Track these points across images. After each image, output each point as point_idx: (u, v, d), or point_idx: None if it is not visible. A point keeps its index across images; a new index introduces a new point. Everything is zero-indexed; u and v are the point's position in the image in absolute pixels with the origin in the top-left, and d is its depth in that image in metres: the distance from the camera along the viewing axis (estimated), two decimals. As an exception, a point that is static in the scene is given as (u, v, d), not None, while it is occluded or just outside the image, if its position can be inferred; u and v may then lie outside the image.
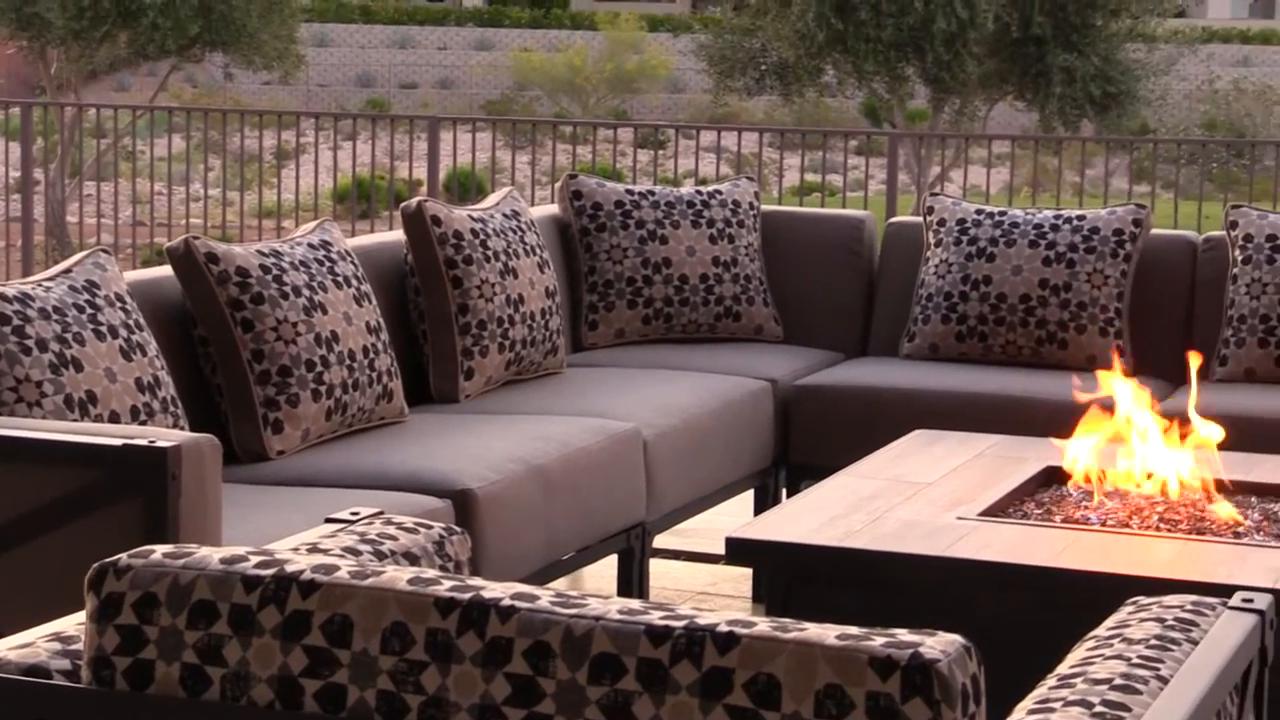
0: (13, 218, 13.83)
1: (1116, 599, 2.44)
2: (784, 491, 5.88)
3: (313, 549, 2.28)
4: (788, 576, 4.06)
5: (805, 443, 5.79)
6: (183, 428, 4.11)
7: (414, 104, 34.78)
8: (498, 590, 1.88)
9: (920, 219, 6.28)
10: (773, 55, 22.79)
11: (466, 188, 15.88)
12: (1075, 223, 6.02)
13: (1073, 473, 4.39)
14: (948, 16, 21.14)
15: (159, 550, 1.99)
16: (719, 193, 6.32)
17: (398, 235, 5.44)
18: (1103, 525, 4.07)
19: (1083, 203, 14.22)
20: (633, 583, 5.10)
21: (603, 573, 5.46)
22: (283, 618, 1.90)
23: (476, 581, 1.91)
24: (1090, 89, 21.73)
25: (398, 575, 1.92)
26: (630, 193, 6.22)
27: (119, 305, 4.10)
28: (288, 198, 15.25)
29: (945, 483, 4.42)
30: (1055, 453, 4.58)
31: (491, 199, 5.67)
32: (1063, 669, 2.12)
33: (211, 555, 1.98)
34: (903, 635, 1.78)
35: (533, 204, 8.51)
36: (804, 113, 28.02)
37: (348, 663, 1.88)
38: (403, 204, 5.37)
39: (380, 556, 2.30)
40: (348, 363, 4.66)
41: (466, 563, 2.42)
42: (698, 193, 6.31)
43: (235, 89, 31.79)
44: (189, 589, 1.94)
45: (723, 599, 5.64)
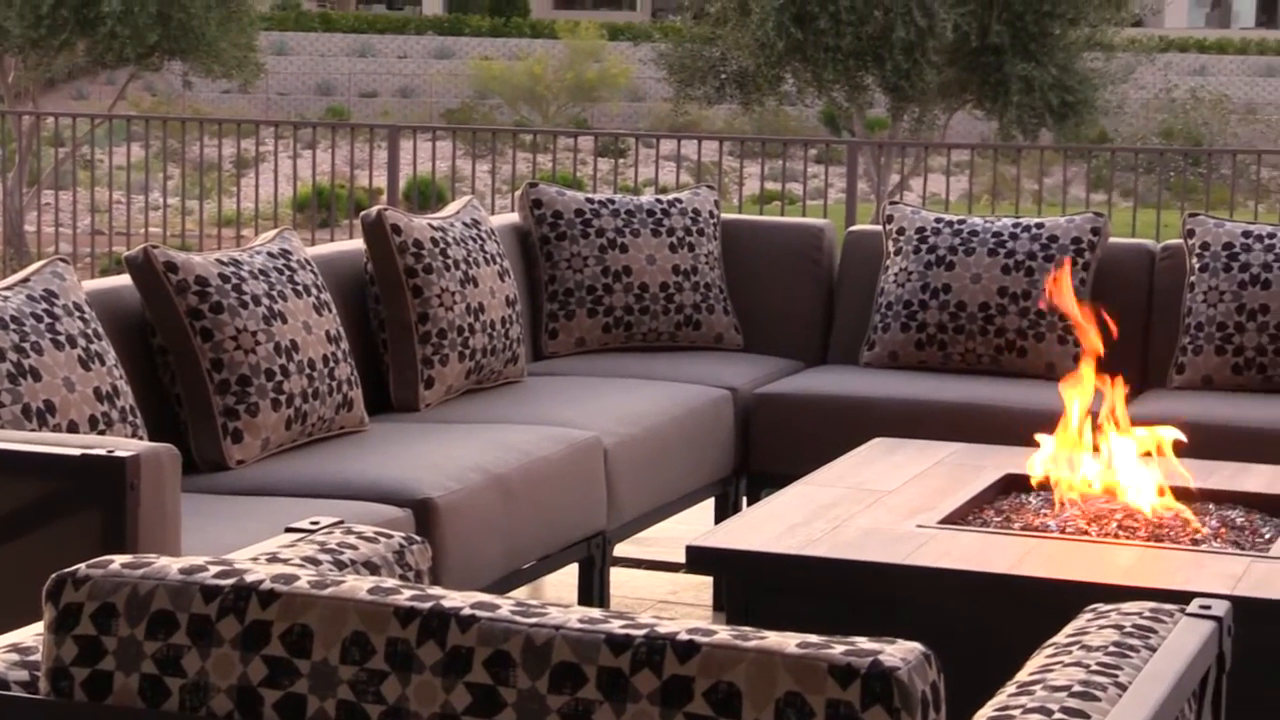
0: (-30, 227, 13.76)
1: (1075, 606, 2.45)
2: (744, 500, 5.89)
3: (272, 558, 2.28)
4: (748, 585, 4.07)
5: (765, 451, 5.80)
6: (141, 437, 4.10)
7: (374, 112, 34.72)
8: (458, 599, 1.88)
9: (880, 227, 6.29)
10: (732, 64, 22.82)
11: (426, 196, 15.86)
12: (1034, 231, 6.04)
13: (1032, 480, 4.40)
14: (907, 25, 21.19)
15: (117, 560, 1.99)
16: (679, 201, 6.33)
17: (357, 244, 5.43)
18: (1062, 532, 4.08)
19: (1041, 211, 14.25)
20: (593, 591, 5.10)
21: (563, 581, 5.46)
22: (242, 628, 1.90)
23: (437, 591, 1.91)
24: (1048, 98, 21.81)
25: (358, 585, 1.92)
26: (590, 201, 6.22)
27: (77, 314, 4.08)
28: (247, 206, 15.21)
29: (905, 491, 4.43)
30: (1014, 460, 4.59)
31: (451, 207, 5.67)
32: (1022, 676, 2.13)
33: (170, 565, 1.97)
34: (863, 643, 1.78)
35: (493, 212, 8.51)
36: (764, 121, 28.06)
37: (307, 673, 1.88)
38: (363, 213, 5.36)
39: (340, 566, 2.29)
40: (307, 372, 4.65)
41: (427, 572, 2.42)
42: (658, 201, 6.31)
43: (194, 97, 31.70)
44: (148, 599, 1.93)
45: (683, 607, 5.64)
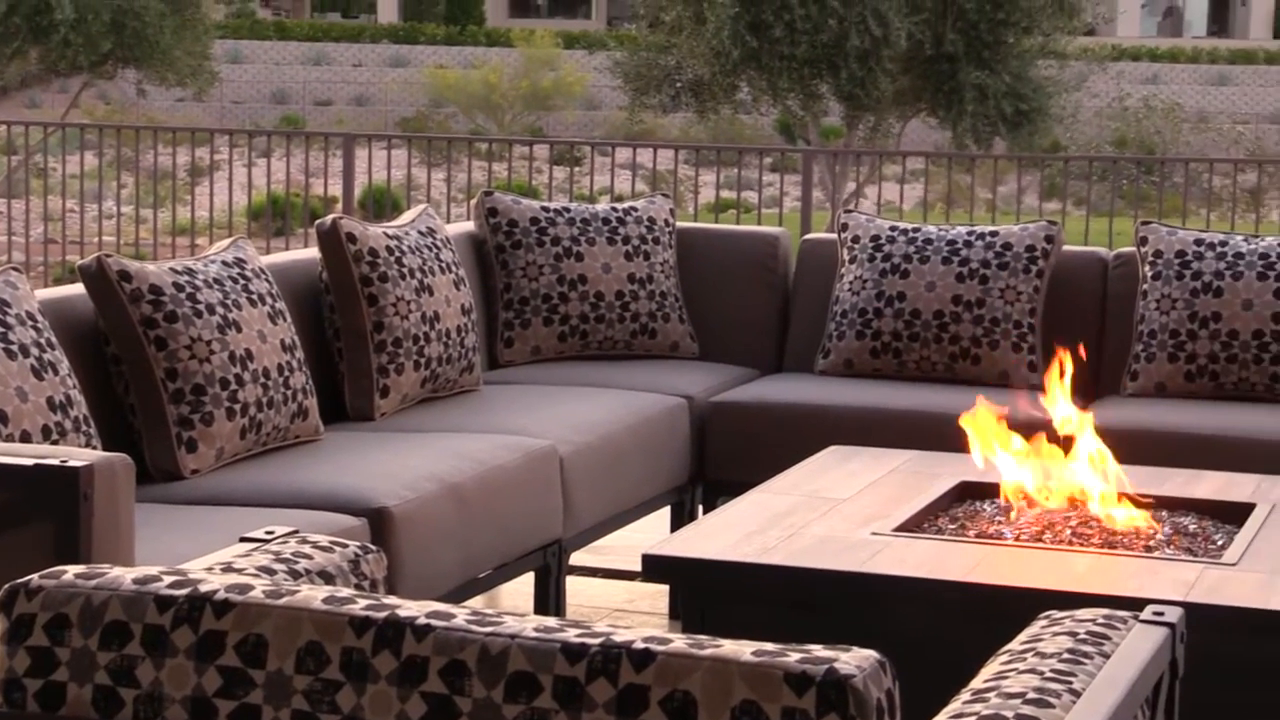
0: (-78, 235, 13.69)
1: (1030, 613, 2.46)
2: (700, 508, 5.89)
3: (227, 568, 2.27)
4: (704, 593, 4.07)
5: (721, 459, 5.81)
6: (95, 447, 4.08)
7: (329, 121, 34.65)
8: (413, 609, 1.88)
9: (835, 235, 6.30)
10: (688, 72, 22.84)
11: (382, 205, 15.83)
12: (988, 239, 6.06)
13: (986, 488, 4.42)
14: (861, 34, 21.24)
15: (71, 571, 1.98)
16: (634, 209, 6.33)
17: (312, 253, 5.42)
18: (1016, 540, 4.09)
19: (995, 219, 14.31)
20: (549, 600, 5.10)
21: (519, 590, 5.45)
22: (196, 638, 1.89)
23: (392, 600, 1.91)
24: (1002, 106, 21.88)
25: (312, 594, 1.91)
26: (546, 210, 6.22)
27: (30, 324, 4.06)
28: (202, 215, 15.16)
29: (860, 498, 4.44)
30: (969, 468, 4.61)
31: (407, 216, 5.66)
32: (976, 683, 2.14)
33: (124, 575, 1.96)
34: (818, 651, 1.78)
35: (448, 221, 8.49)
36: (719, 129, 28.11)
37: (262, 683, 1.88)
38: (317, 221, 5.35)
39: (295, 575, 2.29)
40: (262, 381, 4.63)
41: (382, 581, 2.42)
42: (613, 209, 6.31)
43: (148, 106, 31.59)
44: (101, 610, 1.92)
45: (639, 616, 5.64)
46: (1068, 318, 6.05)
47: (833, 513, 4.29)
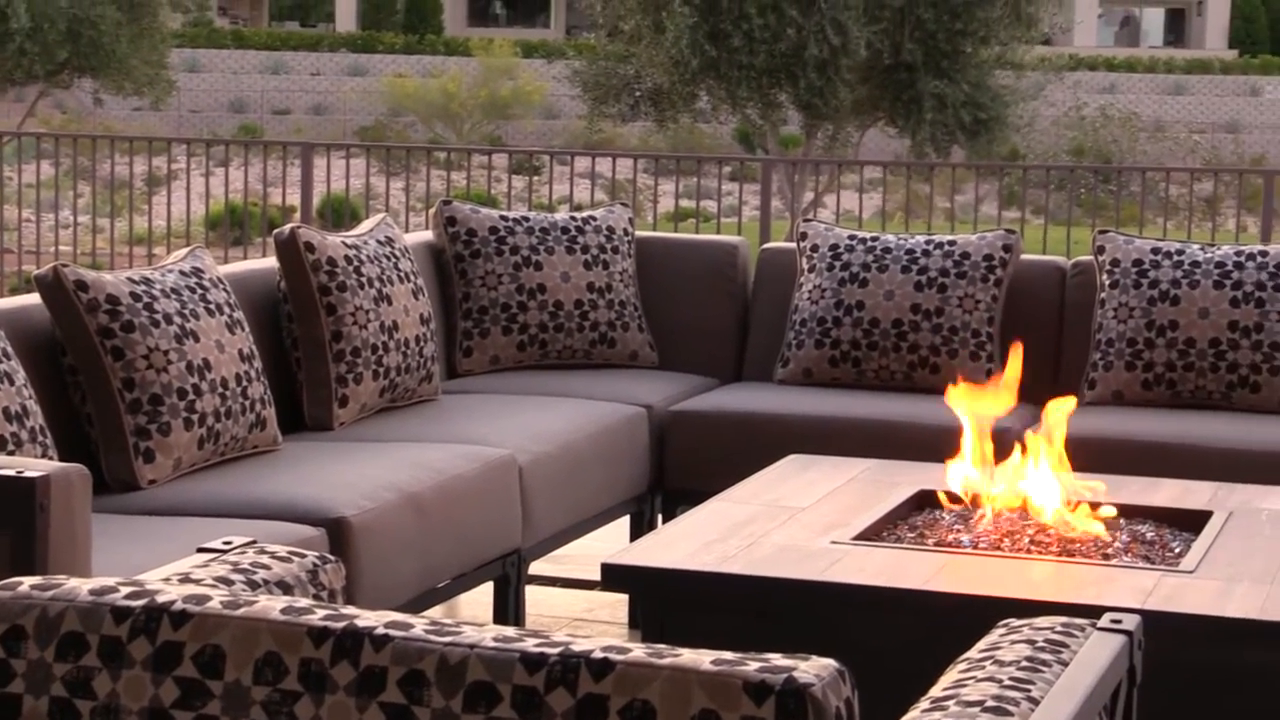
0: (-123, 245, 13.60)
1: (988, 621, 2.46)
2: (659, 517, 5.89)
3: (184, 579, 2.26)
4: (663, 602, 4.07)
5: (680, 468, 5.80)
6: (51, 457, 4.06)
7: (287, 130, 34.59)
8: (371, 619, 1.87)
9: (794, 244, 6.31)
10: (647, 81, 22.87)
11: (340, 214, 15.81)
12: (946, 248, 6.08)
13: (945, 496, 4.42)
14: (820, 43, 21.30)
15: (27, 582, 1.97)
16: (593, 219, 6.33)
17: (270, 262, 5.40)
18: (975, 548, 4.10)
19: (954, 228, 14.35)
20: (508, 610, 5.09)
21: (478, 600, 5.44)
22: (154, 649, 1.89)
23: (350, 610, 1.90)
24: (960, 115, 21.96)
25: (270, 605, 1.91)
26: (504, 219, 6.21)
27: (-14, 334, 4.04)
28: (159, 224, 15.11)
29: (820, 507, 4.44)
30: (928, 476, 4.61)
31: (365, 225, 5.65)
32: (935, 691, 2.14)
33: (81, 586, 1.95)
34: (777, 660, 1.78)
35: (407, 230, 8.48)
36: (678, 139, 28.13)
37: (220, 694, 1.87)
38: (275, 230, 5.34)
39: (253, 586, 2.28)
40: (220, 391, 4.62)
41: (340, 591, 2.41)
42: (572, 219, 6.31)
43: (105, 115, 31.48)
44: (57, 621, 1.91)
45: (599, 625, 5.64)
46: (1026, 326, 6.06)
47: (792, 521, 4.29)
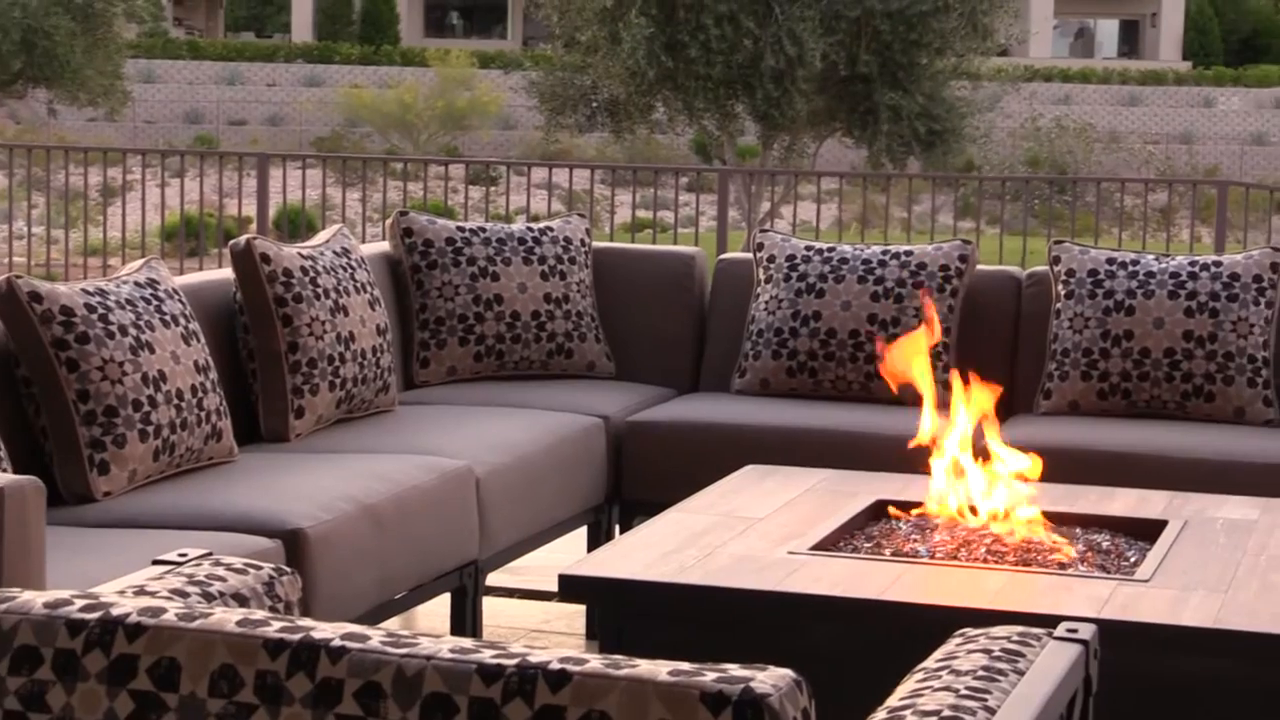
0: None
1: (945, 630, 2.47)
2: (617, 528, 5.89)
3: (139, 591, 2.25)
4: (620, 613, 4.07)
5: (638, 479, 5.80)
6: (5, 470, 4.04)
7: (243, 140, 34.51)
8: (328, 631, 1.87)
9: (750, 255, 6.32)
10: (604, 92, 22.89)
11: (296, 225, 15.77)
12: (903, 258, 6.09)
13: (901, 506, 4.43)
14: (776, 54, 21.34)
15: (-20, 595, 1.96)
16: (550, 229, 6.33)
17: (226, 273, 5.39)
18: (931, 558, 4.11)
19: (910, 239, 14.40)
20: (466, 621, 5.08)
21: (436, 611, 5.43)
22: (108, 662, 1.88)
23: (306, 622, 1.90)
24: (916, 126, 22.03)
25: (226, 617, 1.90)
26: (461, 229, 6.20)
27: (-61, 345, 4.02)
28: (114, 236, 15.06)
29: (777, 517, 4.44)
30: (885, 486, 4.62)
31: (321, 236, 5.64)
32: (892, 701, 2.14)
33: (35, 599, 1.94)
34: (734, 670, 1.78)
35: (363, 241, 8.47)
36: (635, 149, 28.15)
37: (175, 706, 1.86)
38: (231, 241, 5.32)
39: (209, 598, 2.27)
40: (176, 402, 4.60)
41: (297, 603, 2.40)
42: (529, 229, 6.31)
43: (60, 125, 31.37)
44: (11, 634, 1.90)
45: (556, 636, 5.63)
46: (982, 336, 6.08)
47: (749, 532, 4.29)
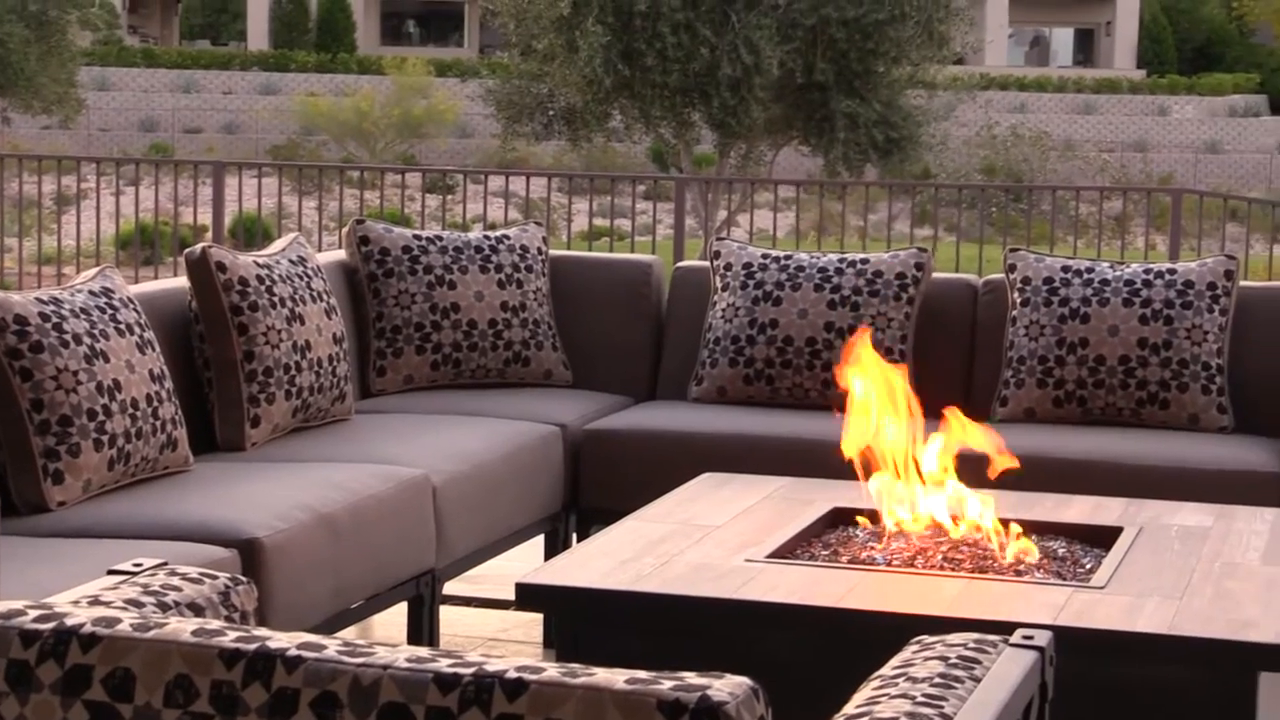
0: None
1: (901, 638, 2.47)
2: (574, 536, 5.88)
3: (94, 601, 2.24)
4: (578, 621, 4.06)
5: (595, 487, 5.80)
6: (-41, 479, 4.02)
7: (198, 148, 34.42)
8: (284, 640, 1.86)
9: (707, 263, 6.33)
10: (560, 100, 22.90)
11: (252, 233, 15.73)
12: (859, 266, 6.11)
13: (858, 514, 4.44)
14: (733, 62, 21.38)
15: (-67, 606, 1.94)
16: (507, 238, 6.32)
17: (181, 282, 5.37)
18: (888, 565, 4.12)
19: (867, 247, 14.44)
20: (423, 630, 5.07)
21: (393, 621, 5.42)
22: (62, 672, 1.87)
23: (262, 632, 1.89)
24: (873, 134, 22.09)
25: (181, 627, 1.89)
26: (418, 238, 6.19)
27: (-108, 355, 3.99)
28: (68, 244, 15.00)
29: (734, 525, 4.45)
30: (842, 494, 4.63)
31: (277, 245, 5.63)
32: (849, 709, 2.14)
33: (-12, 610, 1.93)
34: (691, 678, 1.78)
35: (320, 249, 8.44)
36: (592, 158, 28.17)
37: (130, 717, 1.85)
38: (187, 250, 5.31)
39: (164, 608, 2.26)
40: (130, 411, 4.58)
41: (253, 613, 2.39)
42: (486, 238, 6.30)
43: (13, 133, 31.22)
44: (-36, 645, 1.89)
45: (514, 645, 5.63)
46: (938, 344, 6.10)
47: (706, 540, 4.29)
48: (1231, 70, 45.80)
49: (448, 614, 5.67)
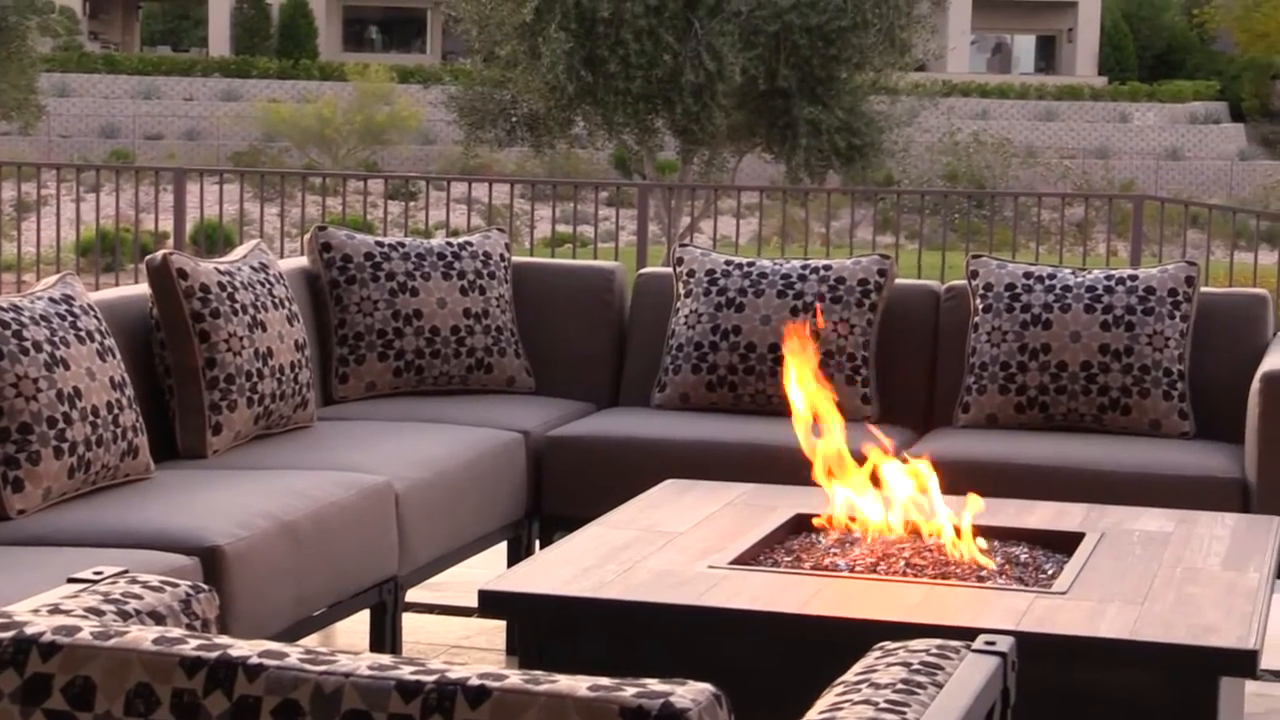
0: None
1: (864, 644, 2.47)
2: (537, 543, 5.88)
3: (54, 610, 2.23)
4: (541, 628, 4.06)
5: (558, 494, 5.80)
6: (-82, 487, 4.00)
7: (160, 155, 34.32)
8: (245, 648, 1.86)
9: (670, 270, 6.33)
10: (523, 107, 22.90)
11: (214, 240, 15.69)
12: (822, 273, 6.11)
13: (821, 520, 4.44)
14: (696, 69, 21.39)
15: (-109, 615, 1.93)
16: (470, 244, 6.32)
17: (142, 289, 5.35)
18: (851, 571, 4.12)
19: (829, 253, 14.45)
20: (385, 638, 5.06)
21: (355, 628, 5.41)
22: (22, 681, 1.86)
23: (224, 640, 1.88)
24: (835, 141, 22.13)
25: (142, 635, 1.88)
26: (380, 244, 6.19)
27: None
28: (28, 251, 14.94)
29: (697, 532, 4.45)
30: (805, 500, 4.63)
31: (239, 251, 5.61)
32: (812, 715, 2.14)
33: (-53, 619, 1.92)
34: (654, 685, 1.78)
35: (282, 256, 8.43)
36: (555, 164, 28.17)
37: (90, 726, 1.84)
38: (148, 257, 5.29)
39: (124, 616, 2.25)
40: (91, 419, 4.56)
41: (214, 621, 2.38)
42: (448, 244, 6.29)
43: (-27, 140, 31.10)
44: (-77, 654, 1.88)
45: (476, 652, 5.62)
46: (901, 350, 6.11)
47: (669, 546, 4.30)
48: (1192, 77, 46.01)
49: (410, 621, 5.66)
